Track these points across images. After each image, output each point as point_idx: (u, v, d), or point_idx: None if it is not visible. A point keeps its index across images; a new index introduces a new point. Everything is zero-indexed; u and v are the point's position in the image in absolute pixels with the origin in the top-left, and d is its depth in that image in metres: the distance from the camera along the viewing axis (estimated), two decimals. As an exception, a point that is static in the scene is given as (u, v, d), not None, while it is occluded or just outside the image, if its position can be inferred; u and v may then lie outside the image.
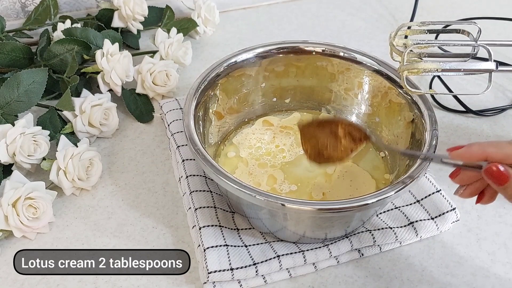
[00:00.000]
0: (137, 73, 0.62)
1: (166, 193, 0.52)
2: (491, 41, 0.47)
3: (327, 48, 0.55)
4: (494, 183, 0.34)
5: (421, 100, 0.48)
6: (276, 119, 0.58)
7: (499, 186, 0.34)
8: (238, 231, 0.47)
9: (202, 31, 0.75)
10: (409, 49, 0.47)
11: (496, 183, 0.34)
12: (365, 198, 0.38)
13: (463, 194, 0.40)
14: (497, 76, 0.69)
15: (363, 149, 0.54)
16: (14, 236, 0.46)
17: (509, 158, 0.34)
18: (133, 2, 0.68)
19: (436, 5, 0.88)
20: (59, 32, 0.63)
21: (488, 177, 0.34)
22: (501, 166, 0.34)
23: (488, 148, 0.35)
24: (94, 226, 0.49)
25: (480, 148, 0.35)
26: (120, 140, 0.59)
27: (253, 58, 0.54)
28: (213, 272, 0.41)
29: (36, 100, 0.53)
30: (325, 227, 0.43)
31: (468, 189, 0.39)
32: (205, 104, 0.51)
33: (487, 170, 0.34)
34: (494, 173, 0.34)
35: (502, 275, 0.45)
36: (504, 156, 0.35)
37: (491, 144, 0.35)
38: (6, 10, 0.72)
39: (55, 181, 0.50)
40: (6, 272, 0.44)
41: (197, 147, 0.43)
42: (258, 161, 0.52)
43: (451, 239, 0.48)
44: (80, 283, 0.44)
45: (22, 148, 0.48)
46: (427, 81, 0.69)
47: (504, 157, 0.35)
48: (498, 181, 0.34)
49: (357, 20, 0.83)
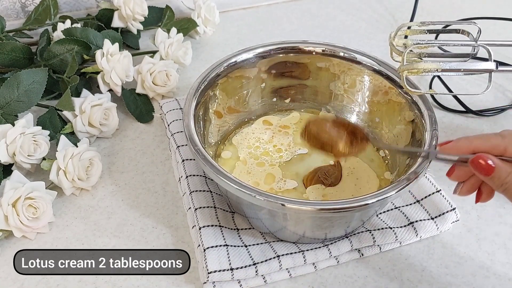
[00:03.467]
0: (137, 73, 0.62)
1: (166, 193, 0.52)
2: (491, 41, 0.47)
3: (327, 48, 0.55)
4: (480, 174, 0.35)
5: (421, 100, 0.48)
6: (276, 118, 0.58)
7: (486, 176, 0.35)
8: (238, 231, 0.47)
9: (202, 31, 0.75)
10: (409, 49, 0.47)
11: (482, 173, 0.35)
12: (365, 198, 0.38)
13: (461, 192, 0.40)
14: (497, 76, 0.69)
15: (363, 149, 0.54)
16: (14, 236, 0.46)
17: (495, 149, 0.35)
18: (133, 2, 0.68)
19: (436, 5, 0.88)
20: (59, 32, 0.63)
21: (474, 168, 0.35)
22: (486, 157, 0.35)
23: (474, 140, 0.36)
24: (94, 226, 0.49)
25: (467, 141, 0.36)
26: (120, 140, 0.59)
27: (253, 58, 0.54)
28: (213, 272, 0.41)
29: (36, 100, 0.53)
30: (325, 227, 0.43)
31: (465, 186, 0.40)
32: (205, 104, 0.51)
33: (472, 162, 0.35)
34: (480, 164, 0.35)
35: (502, 275, 0.45)
36: (490, 147, 0.35)
37: (478, 136, 0.36)
38: (6, 10, 0.72)
39: (55, 181, 0.50)
40: (6, 272, 0.44)
41: (197, 147, 0.43)
42: (257, 160, 0.52)
43: (451, 239, 0.48)
44: (80, 283, 0.44)
45: (22, 148, 0.48)
46: (427, 81, 0.69)
47: (490, 148, 0.35)
48: (484, 171, 0.35)
49: (357, 20, 0.83)
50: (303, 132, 0.50)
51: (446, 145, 0.38)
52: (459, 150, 0.37)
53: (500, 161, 0.35)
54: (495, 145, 0.35)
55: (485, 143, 0.36)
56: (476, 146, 0.36)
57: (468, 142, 0.36)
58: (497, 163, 0.35)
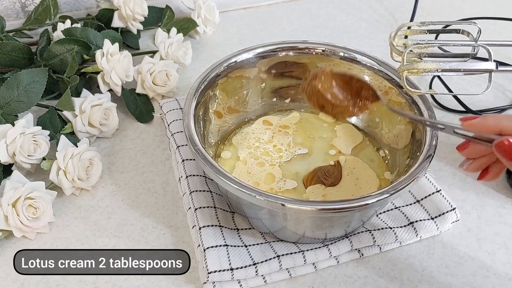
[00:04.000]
0: (137, 73, 0.62)
1: (166, 193, 0.52)
2: (491, 41, 0.47)
3: (327, 48, 0.55)
4: (504, 158, 0.33)
5: (421, 100, 0.48)
6: (276, 118, 0.58)
7: (509, 161, 0.33)
8: (238, 231, 0.47)
9: (202, 31, 0.75)
10: (409, 49, 0.47)
11: (507, 157, 0.32)
12: (365, 198, 0.38)
13: (468, 168, 0.38)
14: (497, 76, 0.69)
15: (363, 148, 0.54)
16: (14, 236, 0.46)
17: None
18: (133, 2, 0.68)
19: (436, 5, 0.88)
20: (59, 32, 0.63)
21: (499, 151, 0.33)
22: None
23: (503, 121, 0.34)
24: (94, 226, 0.49)
25: (495, 120, 0.34)
26: (120, 140, 0.59)
27: (253, 58, 0.54)
28: (213, 272, 0.41)
29: (36, 100, 0.53)
30: (325, 227, 0.43)
31: (474, 163, 0.38)
32: (205, 104, 0.51)
33: (498, 144, 0.33)
34: (506, 147, 0.32)
35: (502, 275, 0.45)
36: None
37: (508, 117, 0.34)
38: (6, 10, 0.72)
39: (55, 181, 0.50)
40: (6, 272, 0.44)
41: (197, 147, 0.43)
42: (257, 160, 0.52)
43: (451, 239, 0.48)
44: (80, 283, 0.44)
45: (22, 148, 0.48)
46: (427, 81, 0.69)
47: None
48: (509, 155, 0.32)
49: (357, 20, 0.83)
50: (305, 87, 0.48)
51: (471, 121, 0.35)
52: (485, 128, 0.34)
53: None
54: None
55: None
56: (504, 127, 0.33)
57: (496, 121, 0.34)
58: None
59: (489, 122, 0.34)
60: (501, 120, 0.34)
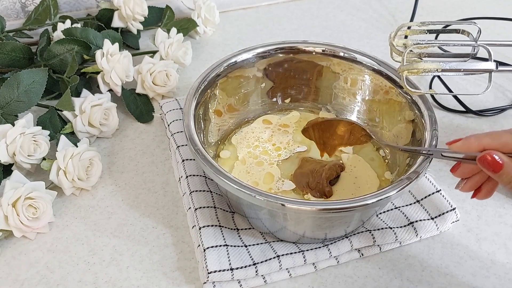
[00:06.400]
0: (137, 73, 0.62)
1: (166, 193, 0.52)
2: (491, 41, 0.47)
3: (327, 48, 0.55)
4: (488, 171, 0.35)
5: (421, 100, 0.48)
6: (275, 117, 0.58)
7: (494, 173, 0.35)
8: (238, 231, 0.47)
9: (202, 31, 0.75)
10: (409, 49, 0.47)
11: (490, 170, 0.35)
12: (365, 198, 0.38)
13: (463, 188, 0.40)
14: (497, 76, 0.69)
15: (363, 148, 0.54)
16: (14, 236, 0.46)
17: (505, 146, 0.35)
18: (133, 2, 0.68)
19: (436, 5, 0.88)
20: (59, 32, 0.63)
21: (482, 165, 0.35)
22: (495, 154, 0.34)
23: (484, 139, 0.36)
24: (94, 226, 0.49)
25: (477, 139, 0.36)
26: (120, 140, 0.59)
27: (253, 58, 0.54)
28: (213, 272, 0.41)
29: (36, 100, 0.53)
30: (325, 227, 0.43)
31: (468, 182, 0.40)
32: (205, 104, 0.51)
33: (481, 159, 0.35)
34: (488, 161, 0.35)
35: (502, 275, 0.45)
36: (500, 145, 0.35)
37: (487, 134, 0.36)
38: (6, 10, 0.72)
39: (55, 181, 0.50)
40: (6, 272, 0.44)
41: (197, 147, 0.43)
42: (256, 160, 0.52)
43: (451, 239, 0.48)
44: (80, 283, 0.44)
45: (22, 148, 0.48)
46: (427, 81, 0.69)
47: (500, 146, 0.35)
48: (492, 168, 0.35)
49: (357, 20, 0.83)
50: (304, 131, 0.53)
51: (456, 143, 0.38)
52: (469, 148, 0.37)
53: (508, 158, 0.35)
54: (504, 142, 0.35)
55: (495, 141, 0.36)
56: (486, 144, 0.36)
57: (478, 140, 0.36)
58: (505, 160, 0.34)
59: (471, 142, 0.37)
60: (482, 139, 0.36)
